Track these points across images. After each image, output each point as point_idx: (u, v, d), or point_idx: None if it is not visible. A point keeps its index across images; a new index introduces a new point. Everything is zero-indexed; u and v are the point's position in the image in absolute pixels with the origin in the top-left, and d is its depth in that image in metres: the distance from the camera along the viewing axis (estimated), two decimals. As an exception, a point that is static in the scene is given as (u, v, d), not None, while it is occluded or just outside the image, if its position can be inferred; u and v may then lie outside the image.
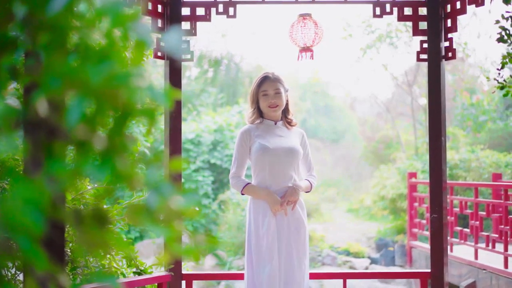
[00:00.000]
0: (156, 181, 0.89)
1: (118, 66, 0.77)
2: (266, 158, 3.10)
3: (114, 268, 3.27)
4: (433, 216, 3.39)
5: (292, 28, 3.55)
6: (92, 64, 0.77)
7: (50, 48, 0.79)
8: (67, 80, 0.75)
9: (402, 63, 21.09)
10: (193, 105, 13.78)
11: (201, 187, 10.53)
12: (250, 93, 3.26)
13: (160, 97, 1.03)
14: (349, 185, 16.97)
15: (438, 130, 3.43)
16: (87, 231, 0.83)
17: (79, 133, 0.76)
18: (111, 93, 0.75)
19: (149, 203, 0.85)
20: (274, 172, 3.11)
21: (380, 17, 3.56)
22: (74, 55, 0.81)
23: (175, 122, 3.46)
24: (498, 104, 12.90)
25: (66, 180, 0.80)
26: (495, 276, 5.56)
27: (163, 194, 0.87)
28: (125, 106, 0.77)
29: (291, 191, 3.07)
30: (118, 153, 0.78)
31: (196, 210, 0.90)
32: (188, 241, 1.07)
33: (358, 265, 9.15)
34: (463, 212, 6.56)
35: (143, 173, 0.89)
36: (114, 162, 0.77)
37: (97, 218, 0.87)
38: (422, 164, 10.62)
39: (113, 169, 0.77)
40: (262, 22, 23.82)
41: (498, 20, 2.84)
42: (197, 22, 3.56)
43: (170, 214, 0.88)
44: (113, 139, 0.78)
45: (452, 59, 3.42)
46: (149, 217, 0.84)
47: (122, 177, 0.80)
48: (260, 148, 3.11)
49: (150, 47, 1.06)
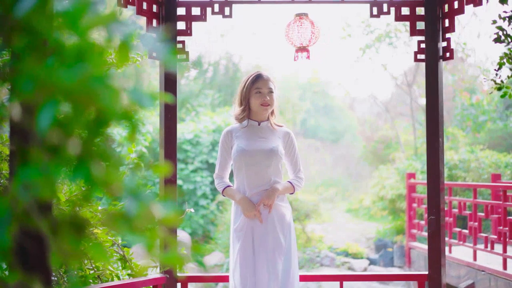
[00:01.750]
0: (134, 187, 0.86)
1: (94, 67, 0.74)
2: (243, 160, 3.11)
3: (109, 270, 3.24)
4: (431, 218, 3.36)
5: (288, 27, 3.52)
6: (66, 66, 0.74)
7: (24, 50, 0.76)
8: (40, 83, 0.72)
9: (402, 63, 21.07)
10: (192, 105, 13.75)
11: (199, 187, 10.50)
12: (240, 91, 3.21)
13: (146, 100, 1.00)
14: (348, 185, 16.94)
15: (436, 131, 3.40)
16: (63, 239, 0.80)
17: (52, 137, 0.73)
18: (86, 96, 0.72)
19: (127, 209, 0.82)
20: (251, 174, 3.11)
21: (377, 17, 3.53)
22: (49, 57, 0.78)
23: (170, 123, 3.42)
24: (497, 104, 12.87)
25: (41, 187, 0.77)
26: (493, 277, 5.53)
27: (142, 200, 0.84)
28: (101, 110, 0.74)
29: (267, 194, 3.06)
30: (94, 158, 0.75)
31: (178, 217, 0.87)
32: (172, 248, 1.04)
33: (356, 266, 9.12)
34: (462, 213, 6.53)
35: (122, 179, 0.86)
36: (89, 167, 0.74)
37: (74, 226, 0.84)
38: (421, 165, 10.58)
39: (88, 175, 0.74)
40: (260, 23, 23.80)
41: (495, 20, 2.80)
42: (193, 22, 3.53)
43: (149, 221, 0.85)
44: (89, 144, 0.75)
45: (450, 59, 3.39)
46: (127, 224, 0.81)
47: (99, 183, 0.77)
48: (237, 150, 3.13)
49: (133, 49, 1.03)
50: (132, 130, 1.08)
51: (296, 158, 3.22)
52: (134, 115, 0.92)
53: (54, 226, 0.81)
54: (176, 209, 0.86)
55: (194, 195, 10.47)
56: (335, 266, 9.29)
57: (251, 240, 3.02)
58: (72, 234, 0.83)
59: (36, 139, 0.76)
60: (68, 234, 0.82)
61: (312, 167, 16.27)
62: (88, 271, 3.18)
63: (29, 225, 0.78)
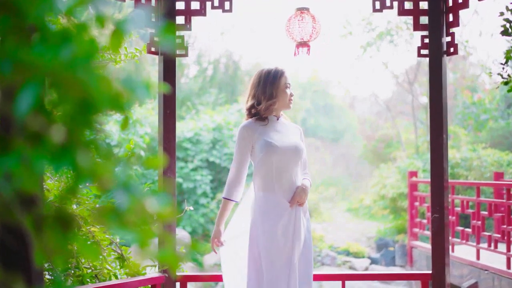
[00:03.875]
0: (126, 180, 0.79)
1: (80, 48, 0.68)
2: (273, 157, 2.92)
3: (107, 269, 3.18)
4: (434, 216, 3.29)
5: (289, 22, 3.46)
6: (49, 46, 0.68)
7: (3, 28, 0.70)
8: (20, 63, 0.66)
9: (403, 62, 21.02)
10: (192, 103, 13.69)
11: (199, 186, 10.43)
12: (269, 85, 3.02)
13: (140, 89, 0.93)
14: (349, 185, 16.87)
15: (440, 127, 3.34)
16: (48, 236, 0.74)
17: (34, 124, 0.66)
18: (71, 78, 0.65)
19: (118, 204, 0.76)
20: (282, 172, 2.94)
21: (380, 11, 3.46)
22: (31, 36, 0.71)
23: (169, 120, 3.36)
24: (499, 103, 12.80)
25: (23, 179, 0.70)
26: (497, 276, 5.46)
27: (134, 194, 0.77)
28: (87, 94, 0.67)
29: (299, 192, 2.93)
30: (80, 147, 0.69)
31: (173, 213, 0.80)
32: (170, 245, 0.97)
33: (358, 265, 9.06)
34: (464, 211, 6.46)
35: (112, 171, 0.80)
36: (74, 156, 0.68)
37: (60, 221, 0.78)
38: (422, 163, 10.52)
39: (73, 165, 0.68)
40: (260, 19, 23.73)
41: (503, 12, 2.73)
42: (192, 17, 3.47)
43: (142, 216, 0.79)
44: (74, 131, 0.68)
45: (454, 54, 3.33)
46: (117, 219, 0.74)
47: (86, 174, 0.71)
48: (266, 145, 2.92)
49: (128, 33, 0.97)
50: (125, 119, 1.01)
51: (305, 154, 3.15)
52: (125, 103, 0.86)
53: (38, 221, 0.74)
54: (170, 203, 0.80)
55: (194, 193, 10.40)
56: (336, 266, 9.22)
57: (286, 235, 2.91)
58: (58, 230, 0.76)
59: (16, 125, 0.69)
60: (54, 230, 0.75)
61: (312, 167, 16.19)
62: (85, 270, 3.12)
63: (10, 220, 0.72)
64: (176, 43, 3.37)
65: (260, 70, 3.13)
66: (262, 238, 2.87)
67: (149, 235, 0.79)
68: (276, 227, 2.88)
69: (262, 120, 3.02)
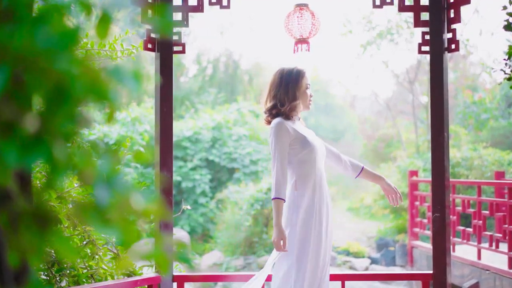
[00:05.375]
0: (109, 174, 0.74)
1: (55, 30, 0.63)
2: (314, 155, 2.86)
3: (103, 269, 3.13)
4: (435, 216, 3.24)
5: (288, 18, 3.40)
6: (23, 28, 0.63)
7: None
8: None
9: (403, 61, 20.95)
10: (191, 102, 13.64)
11: (199, 185, 10.38)
12: (291, 87, 2.94)
13: (128, 80, 0.88)
14: (349, 184, 16.82)
15: (441, 125, 3.28)
16: (23, 234, 0.69)
17: (4, 112, 0.61)
18: (44, 62, 0.60)
19: (98, 199, 0.70)
20: (321, 171, 2.90)
21: (380, 7, 3.40)
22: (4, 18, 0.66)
23: (166, 118, 3.31)
24: (500, 102, 12.75)
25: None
26: (498, 277, 5.41)
27: (116, 189, 0.72)
28: (62, 79, 0.62)
29: (390, 184, 3.07)
30: (57, 137, 0.64)
31: (160, 209, 0.75)
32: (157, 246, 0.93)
33: (358, 265, 9.01)
34: (465, 211, 6.41)
35: (93, 164, 0.74)
36: (50, 147, 0.63)
37: (38, 219, 0.73)
38: (423, 163, 10.47)
39: (49, 156, 0.62)
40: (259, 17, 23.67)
41: (506, 6, 2.68)
42: (190, 13, 3.42)
43: (126, 214, 0.74)
44: (50, 120, 0.63)
45: (455, 51, 3.27)
46: (98, 216, 0.69)
47: (63, 167, 0.65)
48: (305, 144, 2.85)
49: (114, 21, 0.92)
50: (111, 112, 0.96)
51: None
52: (110, 93, 0.80)
53: (13, 218, 0.69)
54: (158, 199, 0.74)
55: (193, 193, 10.35)
56: (336, 265, 9.17)
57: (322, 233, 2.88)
58: (35, 228, 0.71)
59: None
60: (30, 228, 0.70)
61: (313, 166, 16.07)
62: (81, 270, 3.07)
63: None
64: (172, 25, 3.31)
65: (281, 70, 3.03)
66: (313, 239, 2.81)
67: (134, 234, 0.73)
68: (321, 226, 2.85)
69: (288, 119, 2.94)
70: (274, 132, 2.86)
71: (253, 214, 9.00)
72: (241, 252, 9.02)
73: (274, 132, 2.86)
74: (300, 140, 2.86)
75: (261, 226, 9.03)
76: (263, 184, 9.46)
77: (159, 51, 3.30)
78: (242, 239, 9.02)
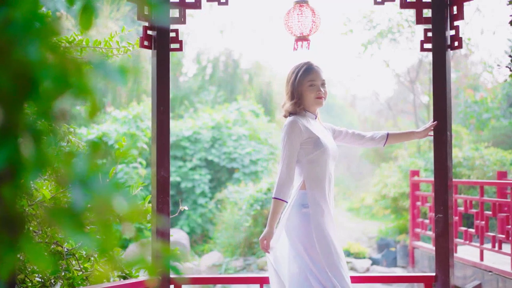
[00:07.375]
0: (86, 174, 0.67)
1: (18, 11, 0.56)
2: (326, 155, 2.80)
3: (98, 272, 3.06)
4: (438, 216, 3.17)
5: (288, 16, 3.34)
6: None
7: None
8: None
9: (404, 60, 20.89)
10: (191, 102, 13.57)
11: (198, 185, 10.30)
12: (290, 83, 2.92)
13: (114, 74, 0.81)
14: (350, 184, 16.75)
15: (444, 124, 3.22)
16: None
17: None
18: (5, 46, 0.53)
19: (73, 202, 0.64)
20: (331, 173, 2.85)
21: (381, 4, 3.34)
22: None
23: (163, 117, 3.24)
24: (501, 102, 12.67)
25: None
26: (501, 278, 5.34)
27: (93, 190, 0.65)
28: (26, 66, 0.55)
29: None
30: (23, 133, 0.57)
31: (140, 212, 0.68)
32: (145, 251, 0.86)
33: (358, 266, 8.93)
34: (468, 211, 6.34)
35: (69, 163, 0.67)
36: (15, 143, 0.56)
37: (6, 223, 0.66)
38: (424, 162, 10.39)
39: (13, 153, 0.56)
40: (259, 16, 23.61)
41: (511, 1, 2.61)
42: (188, 11, 3.35)
43: (104, 217, 0.67)
44: (14, 113, 0.56)
45: (458, 48, 3.20)
46: (71, 221, 0.62)
47: (31, 165, 0.59)
48: (318, 145, 2.79)
49: (97, 13, 0.85)
50: (93, 105, 0.89)
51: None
52: (87, 84, 0.73)
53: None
54: (136, 202, 0.68)
55: (193, 193, 10.28)
56: (336, 266, 9.09)
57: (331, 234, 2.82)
58: (4, 232, 0.64)
59: None
60: None
61: (313, 166, 16.03)
62: (76, 272, 3.01)
63: None
64: (169, 14, 3.25)
65: (293, 66, 3.01)
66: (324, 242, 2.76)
67: (113, 239, 0.67)
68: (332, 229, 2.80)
69: (302, 117, 2.89)
70: (286, 131, 2.83)
71: (252, 214, 8.93)
72: (241, 253, 8.94)
73: (286, 131, 2.83)
74: (313, 141, 2.81)
75: (260, 226, 8.95)
76: (263, 184, 9.39)
77: (156, 49, 3.24)
78: (242, 240, 8.95)
